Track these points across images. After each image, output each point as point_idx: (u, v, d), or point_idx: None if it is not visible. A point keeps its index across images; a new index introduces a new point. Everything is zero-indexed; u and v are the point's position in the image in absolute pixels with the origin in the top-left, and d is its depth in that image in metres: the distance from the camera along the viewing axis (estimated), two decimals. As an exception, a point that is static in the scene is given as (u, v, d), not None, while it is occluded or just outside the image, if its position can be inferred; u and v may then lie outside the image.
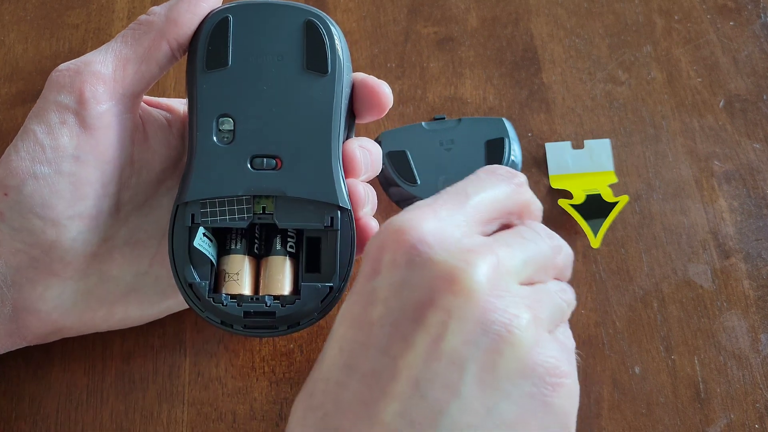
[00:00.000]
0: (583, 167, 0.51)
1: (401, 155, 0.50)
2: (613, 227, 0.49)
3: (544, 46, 0.55)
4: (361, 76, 0.43)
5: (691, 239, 0.48)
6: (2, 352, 0.43)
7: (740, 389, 0.44)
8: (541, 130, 0.52)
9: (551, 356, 0.33)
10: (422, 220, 0.34)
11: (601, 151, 0.51)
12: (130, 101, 0.41)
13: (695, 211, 0.49)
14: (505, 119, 0.51)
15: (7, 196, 0.39)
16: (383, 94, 0.42)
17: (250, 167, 0.40)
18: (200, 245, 0.39)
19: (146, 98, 0.45)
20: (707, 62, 0.54)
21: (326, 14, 0.42)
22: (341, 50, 0.41)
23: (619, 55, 0.55)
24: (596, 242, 0.48)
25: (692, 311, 0.46)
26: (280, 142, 0.40)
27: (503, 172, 0.38)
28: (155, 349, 0.46)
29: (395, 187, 0.49)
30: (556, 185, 0.50)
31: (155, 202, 0.44)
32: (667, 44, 0.55)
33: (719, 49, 0.54)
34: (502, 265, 0.34)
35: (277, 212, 0.40)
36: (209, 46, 0.41)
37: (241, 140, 0.40)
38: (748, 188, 0.50)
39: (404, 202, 0.49)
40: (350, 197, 0.40)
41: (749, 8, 0.56)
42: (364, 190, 0.41)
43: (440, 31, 0.56)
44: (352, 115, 0.43)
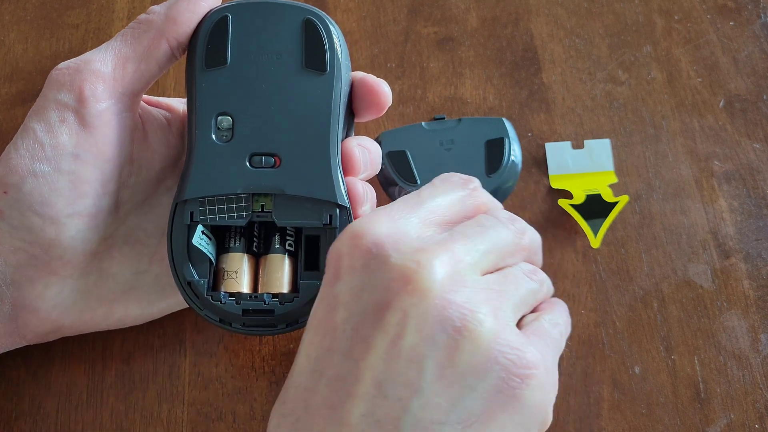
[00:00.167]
0: (583, 167, 0.51)
1: (401, 155, 0.50)
2: (613, 227, 0.49)
3: (544, 46, 0.55)
4: (360, 74, 0.43)
5: (691, 239, 0.48)
6: (2, 351, 0.43)
7: (740, 389, 0.44)
8: (541, 130, 0.52)
9: (515, 348, 0.33)
10: (376, 223, 0.35)
11: (601, 151, 0.51)
12: (129, 100, 0.41)
13: (695, 211, 0.49)
14: (505, 119, 0.51)
15: (6, 194, 0.39)
16: (382, 92, 0.42)
17: (248, 165, 0.40)
18: (199, 243, 0.39)
19: (146, 97, 0.45)
20: (707, 62, 0.54)
21: (325, 13, 0.42)
22: (340, 49, 0.41)
23: (619, 55, 0.55)
24: (596, 242, 0.48)
25: (692, 311, 0.46)
26: (278, 140, 0.40)
27: (456, 179, 0.39)
28: (155, 349, 0.46)
29: (395, 186, 0.49)
30: (556, 185, 0.50)
31: (155, 200, 0.44)
32: (667, 44, 0.55)
33: (719, 49, 0.54)
34: (458, 260, 0.34)
35: (275, 210, 0.40)
36: (208, 44, 0.41)
37: (239, 138, 0.40)
38: (748, 188, 0.50)
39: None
40: (349, 195, 0.40)
41: (749, 8, 0.56)
42: (363, 188, 0.41)
43: (440, 31, 0.56)
44: (351, 113, 0.43)
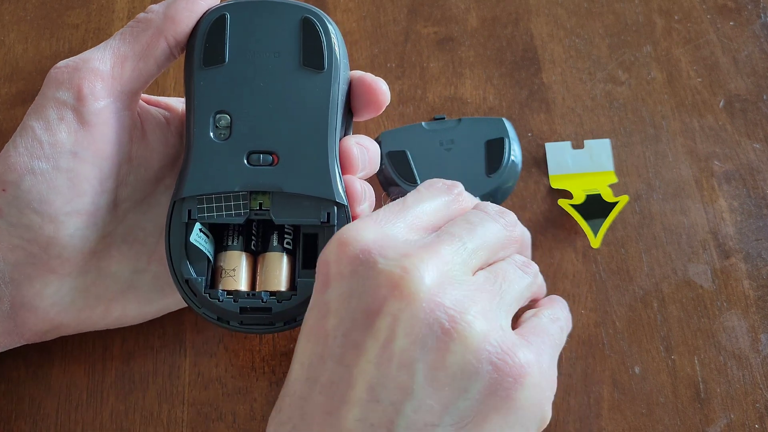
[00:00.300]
0: (583, 167, 0.51)
1: (401, 155, 0.50)
2: (613, 227, 0.49)
3: (544, 46, 0.55)
4: (358, 73, 0.43)
5: (691, 239, 0.48)
6: (1, 350, 0.43)
7: (740, 389, 0.44)
8: (541, 130, 0.52)
9: (505, 348, 0.33)
10: (362, 230, 0.35)
11: (601, 151, 0.51)
12: (128, 98, 0.41)
13: (695, 211, 0.49)
14: (505, 119, 0.51)
15: (5, 191, 0.39)
16: (380, 91, 0.42)
17: (246, 163, 0.40)
18: (197, 241, 0.39)
19: (145, 96, 0.45)
20: (707, 62, 0.54)
21: (323, 12, 0.42)
22: (338, 47, 0.41)
23: (619, 55, 0.54)
24: (596, 242, 0.48)
25: (692, 311, 0.46)
26: (276, 138, 0.40)
27: (440, 184, 0.39)
28: (155, 349, 0.46)
29: (395, 186, 0.49)
30: (556, 185, 0.50)
31: (153, 199, 0.44)
32: (667, 44, 0.55)
33: (719, 49, 0.54)
34: (445, 261, 0.34)
35: (273, 208, 0.40)
36: (206, 43, 0.41)
37: (237, 136, 0.40)
38: (748, 188, 0.50)
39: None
40: (347, 193, 0.40)
41: (749, 8, 0.56)
42: (361, 186, 0.41)
43: (440, 31, 0.56)
44: (349, 112, 0.43)
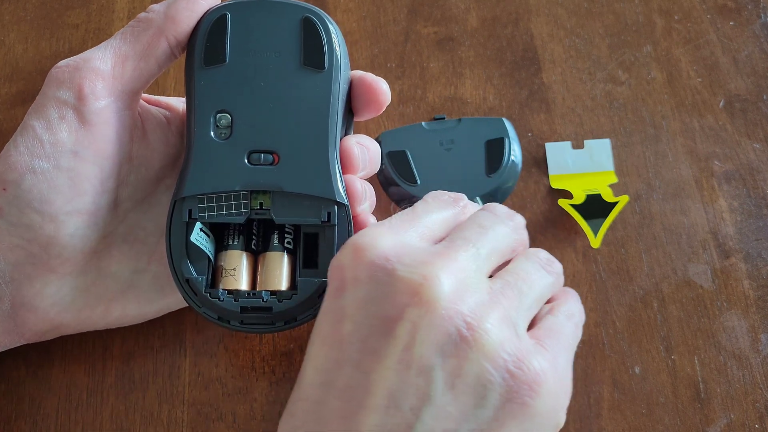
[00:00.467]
0: (583, 167, 0.51)
1: (401, 155, 0.50)
2: (613, 227, 0.49)
3: (544, 46, 0.55)
4: (358, 73, 0.43)
5: (691, 239, 0.48)
6: (1, 350, 0.43)
7: (740, 389, 0.44)
8: (541, 130, 0.52)
9: (521, 357, 0.33)
10: (379, 237, 0.35)
11: (601, 151, 0.51)
12: (128, 98, 0.41)
13: (695, 211, 0.49)
14: (505, 119, 0.51)
15: (5, 190, 0.39)
16: (381, 91, 0.42)
17: (247, 163, 0.40)
18: (197, 240, 0.39)
19: (146, 96, 0.45)
20: (707, 62, 0.54)
21: (324, 11, 0.42)
22: (338, 47, 0.41)
23: (619, 55, 0.54)
24: (596, 242, 0.48)
25: (692, 311, 0.46)
26: (277, 137, 0.40)
27: (447, 197, 0.40)
28: (155, 349, 0.46)
29: (395, 186, 0.49)
30: (556, 185, 0.50)
31: (154, 199, 0.44)
32: (667, 44, 0.55)
33: (719, 49, 0.54)
34: (462, 268, 0.35)
35: (274, 207, 0.40)
36: (207, 42, 0.41)
37: (238, 136, 0.40)
38: (748, 188, 0.50)
39: (404, 201, 0.49)
40: (348, 193, 0.40)
41: (749, 8, 0.56)
42: (361, 186, 0.41)
43: (440, 31, 0.56)
44: (350, 112, 0.43)
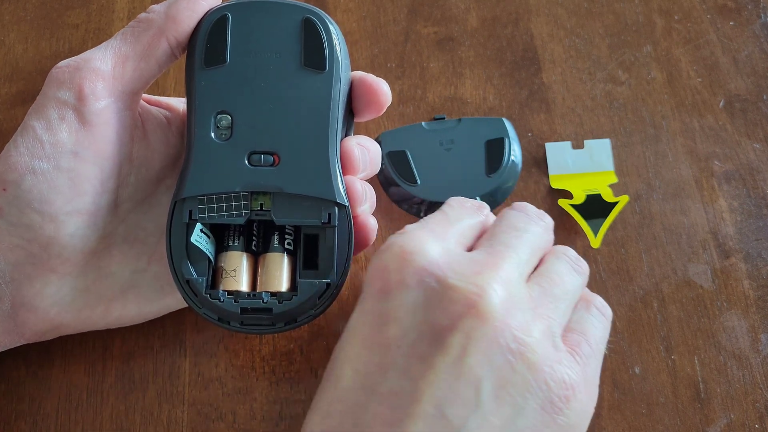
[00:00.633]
0: (583, 167, 0.51)
1: (401, 155, 0.50)
2: (613, 227, 0.49)
3: (544, 46, 0.55)
4: (359, 74, 0.43)
5: (691, 239, 0.48)
6: (1, 350, 0.43)
7: (740, 389, 0.44)
8: (541, 130, 0.52)
9: (560, 370, 0.35)
10: (425, 242, 0.36)
11: (601, 151, 0.51)
12: (129, 98, 0.41)
13: (695, 211, 0.49)
14: (505, 119, 0.51)
15: (5, 191, 0.39)
16: (381, 91, 0.42)
17: (247, 164, 0.40)
18: (197, 241, 0.39)
19: (146, 96, 0.45)
20: (707, 62, 0.54)
21: (324, 12, 0.42)
22: (339, 47, 0.41)
23: (619, 55, 0.54)
24: (596, 242, 0.48)
25: (692, 311, 0.46)
26: (277, 138, 0.40)
27: (470, 204, 0.40)
28: (155, 349, 0.46)
29: (395, 186, 0.49)
30: (556, 185, 0.50)
31: (154, 200, 0.44)
32: (667, 44, 0.55)
33: (719, 49, 0.54)
34: (509, 279, 0.35)
35: (274, 209, 0.40)
36: (208, 43, 0.41)
37: (238, 137, 0.40)
38: (748, 188, 0.50)
39: (404, 202, 0.49)
40: (348, 194, 0.40)
41: (749, 8, 0.56)
42: (362, 187, 0.41)
43: (440, 31, 0.56)
44: (350, 113, 0.43)
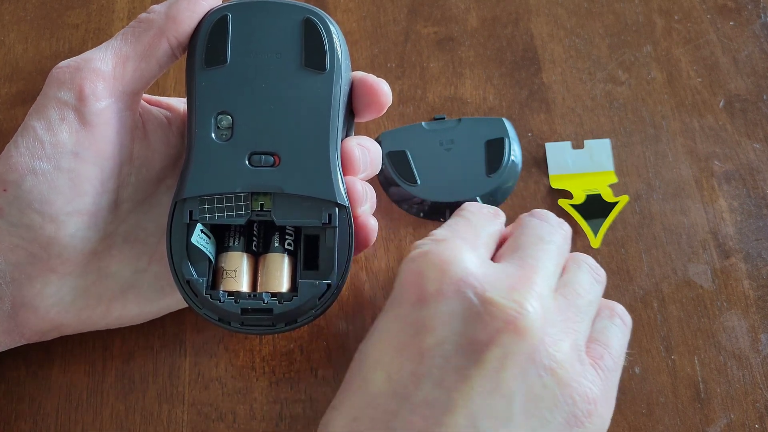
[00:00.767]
0: (583, 167, 0.51)
1: (401, 155, 0.50)
2: (613, 227, 0.49)
3: (544, 46, 0.55)
4: (360, 74, 0.43)
5: (691, 239, 0.48)
6: (2, 349, 0.43)
7: (740, 389, 0.44)
8: (541, 130, 0.52)
9: (585, 385, 0.35)
10: (461, 251, 0.36)
11: (601, 151, 0.51)
12: (129, 99, 0.41)
13: (695, 211, 0.49)
14: (505, 119, 0.51)
15: (6, 191, 0.39)
16: (382, 92, 0.42)
17: (248, 164, 0.40)
18: (198, 242, 0.39)
19: (146, 96, 0.45)
20: (707, 62, 0.54)
21: (325, 12, 0.42)
22: (339, 48, 0.41)
23: (619, 55, 0.55)
24: (596, 242, 0.48)
25: (692, 311, 0.46)
26: (278, 139, 0.40)
27: (486, 210, 0.41)
28: (155, 349, 0.46)
29: (395, 186, 0.49)
30: (556, 185, 0.50)
31: (155, 200, 0.44)
32: (667, 44, 0.55)
33: (719, 49, 0.54)
34: (542, 294, 0.36)
35: (275, 209, 0.40)
36: (208, 43, 0.41)
37: (239, 137, 0.40)
38: (748, 188, 0.50)
39: (404, 202, 0.49)
40: (348, 195, 0.40)
41: (749, 8, 0.56)
42: (362, 188, 0.41)
43: (440, 31, 0.56)
44: (351, 113, 0.43)
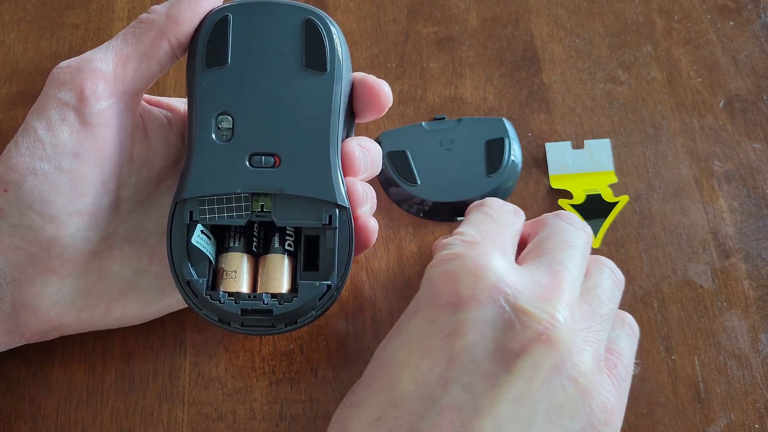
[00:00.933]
0: (583, 167, 0.51)
1: (401, 155, 0.50)
2: (613, 227, 0.49)
3: (544, 46, 0.55)
4: (360, 75, 0.43)
5: (691, 239, 0.48)
6: (2, 350, 0.43)
7: (740, 389, 0.44)
8: (541, 130, 0.52)
9: (603, 395, 0.36)
10: (493, 255, 0.37)
11: (601, 151, 0.51)
12: (130, 99, 0.41)
13: (695, 211, 0.49)
14: (505, 119, 0.51)
15: (6, 192, 0.39)
16: (383, 93, 0.42)
17: (248, 165, 0.40)
18: (198, 242, 0.39)
19: (147, 97, 0.45)
20: (707, 62, 0.54)
21: (326, 13, 0.42)
22: (340, 49, 0.41)
23: (619, 55, 0.55)
24: (596, 242, 0.48)
25: (692, 311, 0.46)
26: (278, 139, 0.40)
27: (508, 208, 0.41)
28: (155, 349, 0.46)
29: (395, 187, 0.49)
30: (556, 185, 0.50)
31: (155, 200, 0.44)
32: (667, 44, 0.55)
33: (719, 49, 0.54)
34: (570, 302, 0.36)
35: (275, 210, 0.40)
36: (209, 44, 0.41)
37: (239, 138, 0.40)
38: (748, 188, 0.50)
39: (404, 202, 0.49)
40: (349, 196, 0.40)
41: (749, 8, 0.56)
42: (362, 188, 0.41)
43: (440, 31, 0.56)
44: (351, 114, 0.43)
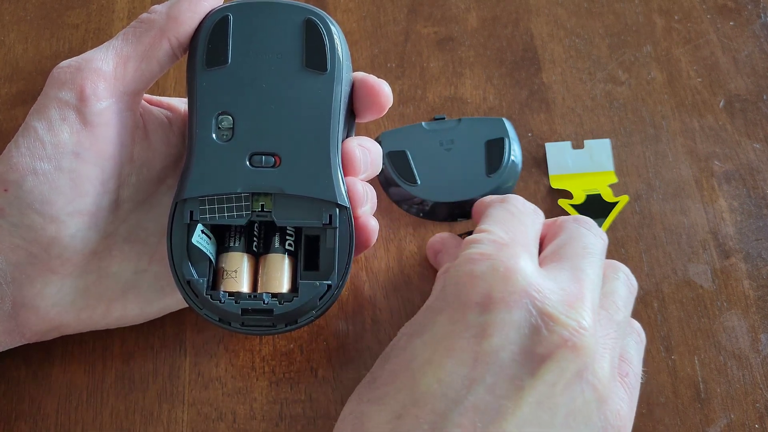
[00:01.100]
0: (583, 167, 0.51)
1: (401, 155, 0.50)
2: (613, 227, 0.49)
3: (544, 46, 0.55)
4: (360, 75, 0.43)
5: (691, 239, 0.48)
6: (2, 349, 0.43)
7: (740, 389, 0.44)
8: (541, 130, 0.52)
9: (617, 403, 0.36)
10: (521, 259, 0.37)
11: (601, 151, 0.51)
12: (130, 99, 0.41)
13: (695, 211, 0.49)
14: (505, 119, 0.51)
15: (7, 191, 0.39)
16: (383, 93, 0.42)
17: (248, 165, 0.40)
18: (198, 242, 0.39)
19: (147, 96, 0.45)
20: (707, 62, 0.54)
21: (326, 13, 0.42)
22: (340, 48, 0.41)
23: (619, 55, 0.55)
24: (596, 242, 0.48)
25: (692, 311, 0.46)
26: (279, 139, 0.40)
27: (529, 208, 0.42)
28: (155, 349, 0.46)
29: (395, 187, 0.49)
30: (556, 185, 0.50)
31: (155, 200, 0.44)
32: (667, 44, 0.55)
33: (719, 49, 0.54)
34: (591, 308, 0.36)
35: (275, 210, 0.40)
36: (209, 44, 0.41)
37: (240, 138, 0.40)
38: (748, 188, 0.50)
39: (404, 202, 0.49)
40: (349, 195, 0.40)
41: (749, 8, 0.56)
42: (363, 188, 0.41)
43: (440, 31, 0.56)
44: (352, 114, 0.43)
